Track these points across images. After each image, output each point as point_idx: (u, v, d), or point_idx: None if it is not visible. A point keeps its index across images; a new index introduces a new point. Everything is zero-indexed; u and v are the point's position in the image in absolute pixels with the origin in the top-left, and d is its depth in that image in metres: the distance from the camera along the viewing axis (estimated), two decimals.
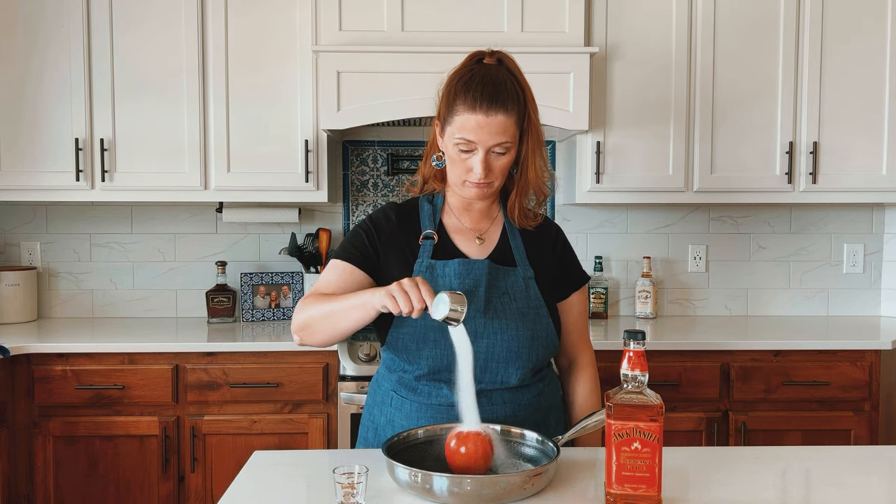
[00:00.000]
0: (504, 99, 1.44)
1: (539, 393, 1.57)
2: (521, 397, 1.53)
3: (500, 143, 1.45)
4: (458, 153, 1.48)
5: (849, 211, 3.27)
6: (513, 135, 1.46)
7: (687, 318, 3.19)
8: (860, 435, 2.67)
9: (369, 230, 1.58)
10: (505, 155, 1.48)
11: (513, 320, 1.50)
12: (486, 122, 1.43)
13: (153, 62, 2.83)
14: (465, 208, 1.60)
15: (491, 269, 1.52)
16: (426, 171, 1.62)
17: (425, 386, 1.52)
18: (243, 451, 2.59)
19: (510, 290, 1.52)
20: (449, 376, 1.49)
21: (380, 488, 1.27)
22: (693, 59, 2.88)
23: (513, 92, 1.46)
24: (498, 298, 1.51)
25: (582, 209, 3.21)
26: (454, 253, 1.55)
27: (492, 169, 1.48)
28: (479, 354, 1.48)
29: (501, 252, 1.57)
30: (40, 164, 2.83)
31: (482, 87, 1.44)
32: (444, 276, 1.51)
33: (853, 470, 1.41)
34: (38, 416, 2.60)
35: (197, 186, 2.86)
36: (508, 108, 1.44)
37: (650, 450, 1.14)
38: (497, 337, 1.49)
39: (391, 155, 3.20)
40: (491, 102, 1.43)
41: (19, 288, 3.02)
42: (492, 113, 1.43)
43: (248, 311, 3.10)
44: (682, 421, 2.64)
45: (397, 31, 2.76)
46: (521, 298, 1.52)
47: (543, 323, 1.53)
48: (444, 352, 1.48)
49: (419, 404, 1.52)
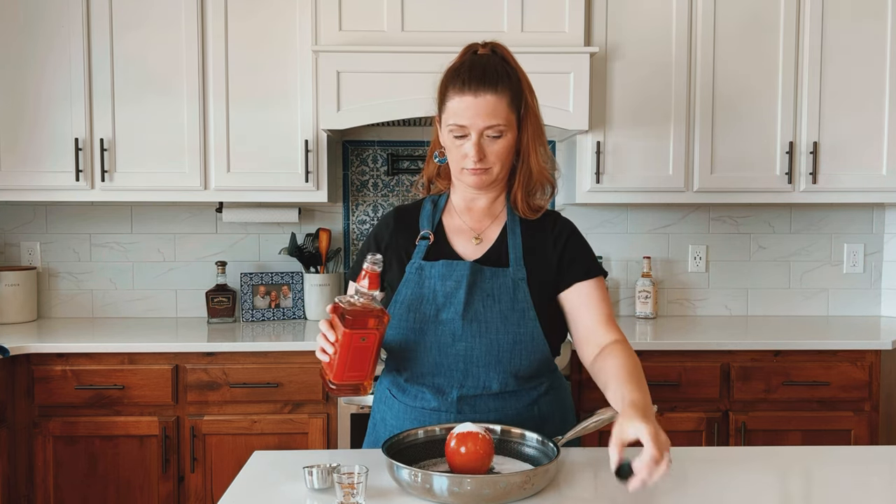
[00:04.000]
0: (493, 79, 1.42)
1: (532, 402, 1.52)
2: (507, 405, 1.50)
3: (492, 126, 1.43)
4: (453, 140, 1.47)
5: (849, 211, 3.27)
6: (505, 118, 1.44)
7: (687, 318, 3.19)
8: (860, 435, 2.67)
9: (370, 243, 1.61)
10: (500, 139, 1.45)
11: (493, 323, 1.46)
12: (475, 102, 1.42)
13: (153, 62, 2.83)
14: (467, 207, 1.58)
15: (474, 270, 1.49)
16: (430, 170, 1.61)
17: (412, 388, 1.52)
18: (243, 451, 2.59)
19: (495, 292, 1.48)
20: (432, 380, 1.49)
21: (380, 488, 1.27)
22: (693, 59, 2.88)
23: (503, 74, 1.44)
24: (481, 301, 1.47)
25: (582, 209, 3.21)
26: (448, 254, 1.54)
27: (487, 154, 1.45)
28: (458, 358, 1.47)
29: (497, 252, 1.53)
30: (40, 164, 2.83)
31: (470, 71, 1.44)
32: (430, 277, 1.50)
33: (853, 470, 1.41)
34: (38, 416, 2.60)
35: (197, 186, 2.86)
36: (498, 88, 1.42)
37: (370, 341, 1.34)
38: (476, 340, 1.46)
39: (391, 155, 3.20)
40: (479, 83, 1.42)
41: (19, 288, 3.02)
42: (480, 93, 1.42)
43: (247, 311, 3.10)
44: (682, 421, 2.64)
45: (397, 31, 2.76)
46: (507, 301, 1.47)
47: (529, 326, 1.47)
48: (423, 355, 1.48)
49: (406, 406, 1.52)
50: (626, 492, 1.24)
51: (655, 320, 3.13)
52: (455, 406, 1.48)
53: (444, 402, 1.48)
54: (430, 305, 1.48)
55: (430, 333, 1.47)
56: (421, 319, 1.48)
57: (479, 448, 1.26)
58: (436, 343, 1.47)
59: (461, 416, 1.47)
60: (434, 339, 1.47)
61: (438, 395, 1.49)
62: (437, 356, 1.48)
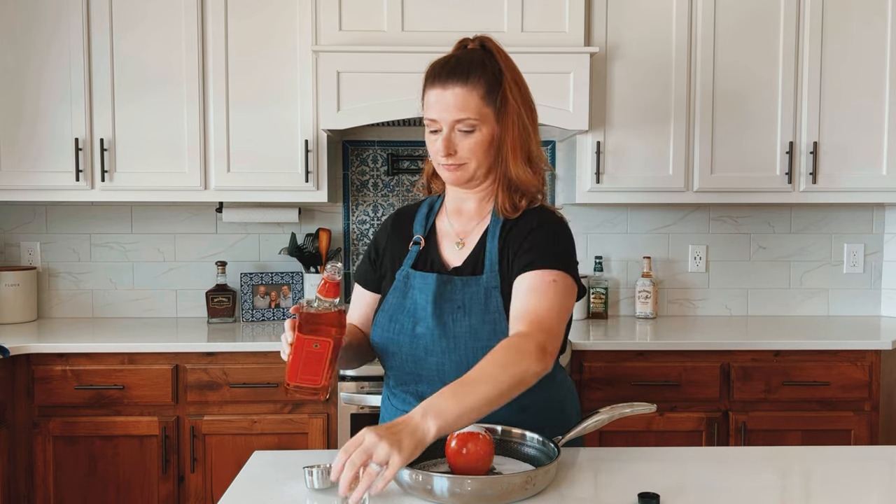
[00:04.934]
0: (464, 72, 1.37)
1: (522, 409, 1.40)
2: (496, 411, 1.26)
3: (462, 119, 1.37)
4: (429, 136, 1.43)
5: (849, 211, 3.27)
6: (477, 111, 1.37)
7: (687, 318, 3.19)
8: (860, 435, 2.67)
9: (369, 252, 1.61)
10: (473, 133, 1.38)
11: (462, 338, 1.40)
12: (443, 94, 1.37)
13: (153, 62, 2.83)
14: (456, 209, 1.53)
15: (441, 282, 1.44)
16: (427, 169, 1.59)
17: (400, 393, 1.51)
18: (243, 451, 2.59)
19: (466, 303, 1.42)
20: (416, 388, 1.47)
21: None
22: (693, 59, 2.88)
23: (478, 66, 1.38)
24: (451, 313, 1.42)
25: (582, 209, 3.21)
26: (434, 260, 1.50)
27: (458, 148, 1.39)
28: (431, 372, 1.44)
29: (474, 258, 1.46)
30: (40, 164, 2.83)
31: (444, 63, 1.41)
32: (413, 287, 1.47)
33: (853, 470, 1.41)
34: (38, 416, 2.60)
35: (197, 186, 2.86)
36: (469, 80, 1.37)
37: (323, 348, 1.32)
38: (446, 356, 1.41)
39: (391, 155, 3.20)
40: (448, 75, 1.37)
41: (19, 288, 3.02)
42: (449, 85, 1.37)
43: (247, 311, 3.10)
44: (682, 421, 2.64)
45: (397, 31, 2.76)
46: (478, 312, 1.41)
47: (500, 337, 1.35)
48: (400, 364, 1.47)
49: (397, 411, 1.50)
50: (625, 493, 1.24)
51: (655, 320, 3.13)
52: None
53: None
54: (408, 317, 1.45)
55: (405, 345, 1.45)
56: (399, 330, 1.45)
57: (479, 448, 1.26)
58: (412, 355, 1.45)
59: None
60: (410, 351, 1.45)
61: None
62: (413, 367, 1.46)
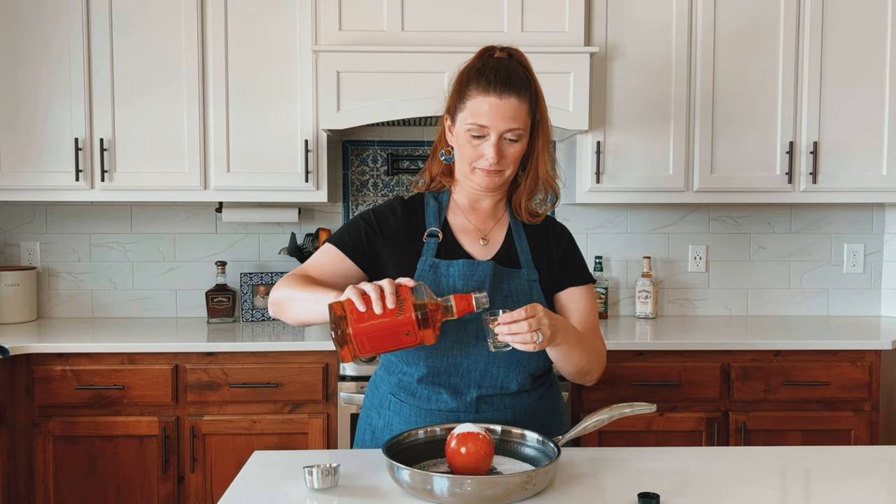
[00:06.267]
0: (517, 84, 1.46)
1: (540, 397, 1.57)
2: (521, 402, 1.53)
3: (512, 129, 1.45)
4: (470, 140, 1.47)
5: (849, 211, 3.27)
6: (524, 122, 1.47)
7: (687, 318, 3.19)
8: (860, 435, 2.67)
9: (371, 224, 1.56)
10: (517, 143, 1.48)
11: None
12: (499, 104, 1.44)
13: (153, 62, 2.83)
14: (471, 207, 1.59)
15: (495, 270, 1.51)
16: (434, 167, 1.60)
17: (425, 390, 1.51)
18: (243, 451, 2.59)
19: (514, 293, 1.51)
20: (448, 380, 1.49)
21: (380, 489, 1.27)
22: (693, 59, 2.88)
23: (525, 81, 1.48)
24: (502, 301, 1.49)
25: (582, 209, 3.21)
26: (459, 253, 1.54)
27: (504, 155, 1.47)
28: (480, 357, 1.48)
29: (506, 253, 1.56)
30: (40, 164, 2.83)
31: (495, 73, 1.46)
32: (448, 276, 1.50)
33: (853, 470, 1.41)
34: (38, 416, 2.60)
35: (197, 186, 2.86)
36: (521, 93, 1.46)
37: (406, 340, 1.29)
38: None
39: (391, 155, 3.20)
40: (504, 86, 1.44)
41: (19, 288, 3.02)
42: (505, 96, 1.44)
43: (247, 311, 3.10)
44: (682, 421, 2.64)
45: (397, 31, 2.76)
46: (524, 301, 1.49)
47: None
48: (443, 353, 1.48)
49: (419, 409, 1.51)
50: (625, 493, 1.24)
51: (655, 320, 3.13)
52: (473, 406, 1.49)
53: (463, 403, 1.49)
54: None
55: (451, 332, 1.47)
56: None
57: (479, 448, 1.26)
58: (458, 342, 1.48)
59: (479, 416, 1.48)
60: (456, 337, 1.48)
61: (456, 396, 1.49)
62: (457, 356, 1.48)
